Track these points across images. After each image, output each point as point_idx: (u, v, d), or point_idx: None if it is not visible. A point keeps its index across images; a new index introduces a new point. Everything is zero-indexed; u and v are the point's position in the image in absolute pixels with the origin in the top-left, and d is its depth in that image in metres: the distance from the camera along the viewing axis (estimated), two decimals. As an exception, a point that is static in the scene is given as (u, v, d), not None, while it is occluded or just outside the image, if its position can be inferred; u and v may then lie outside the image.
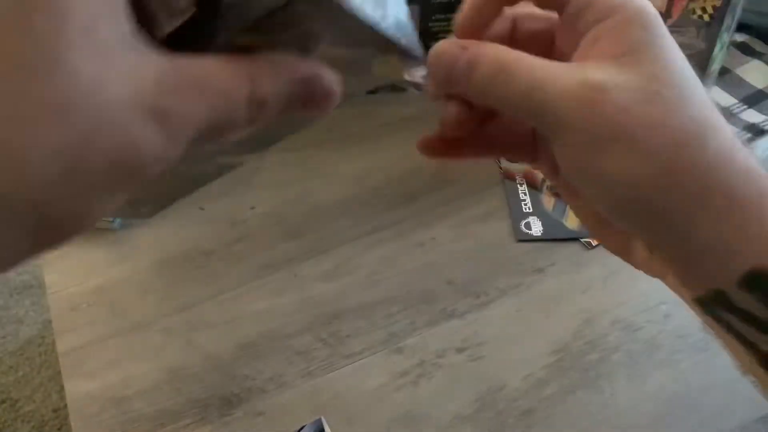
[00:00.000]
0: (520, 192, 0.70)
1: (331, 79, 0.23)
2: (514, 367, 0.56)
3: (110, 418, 0.53)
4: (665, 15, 0.72)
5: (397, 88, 0.82)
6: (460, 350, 0.57)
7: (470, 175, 0.73)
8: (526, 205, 0.69)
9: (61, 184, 0.18)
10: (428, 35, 0.79)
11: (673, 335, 0.57)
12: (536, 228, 0.67)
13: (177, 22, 0.22)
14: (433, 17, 0.78)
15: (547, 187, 0.71)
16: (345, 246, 0.66)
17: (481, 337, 0.58)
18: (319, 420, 0.52)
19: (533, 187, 0.71)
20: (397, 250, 0.65)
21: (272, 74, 0.22)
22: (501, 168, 0.73)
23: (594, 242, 0.65)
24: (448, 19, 0.78)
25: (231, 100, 0.21)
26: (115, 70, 0.18)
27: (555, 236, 0.66)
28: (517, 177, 0.72)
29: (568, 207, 0.68)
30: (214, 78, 0.21)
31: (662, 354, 0.56)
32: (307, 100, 0.23)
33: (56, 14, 0.17)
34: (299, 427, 0.52)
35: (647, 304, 0.60)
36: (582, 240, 0.66)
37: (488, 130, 0.32)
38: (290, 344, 0.58)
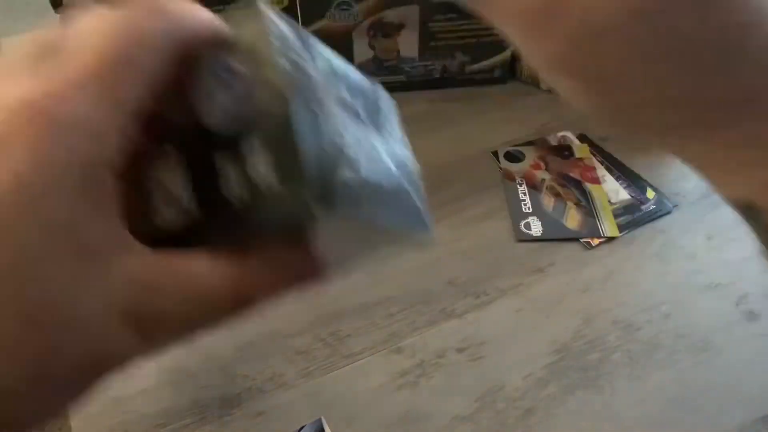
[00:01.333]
0: (519, 192, 0.70)
1: (322, 262, 0.23)
2: (514, 367, 0.56)
3: (110, 418, 0.53)
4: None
5: (397, 87, 0.83)
6: (460, 350, 0.57)
7: (470, 175, 0.73)
8: (525, 205, 0.69)
9: (25, 393, 0.18)
10: (428, 35, 0.79)
11: (673, 335, 0.57)
12: (536, 228, 0.67)
13: (178, 219, 0.22)
14: (433, 17, 0.78)
15: (546, 188, 0.71)
16: (345, 246, 0.66)
17: (481, 337, 0.58)
18: (319, 420, 0.52)
19: (533, 187, 0.71)
20: (396, 250, 0.65)
21: (264, 275, 0.22)
22: (501, 168, 0.73)
23: (594, 242, 0.65)
24: (449, 19, 0.78)
25: (215, 305, 0.21)
26: (92, 274, 0.18)
27: (555, 236, 0.66)
28: (516, 177, 0.72)
29: (567, 207, 0.68)
30: (200, 281, 0.20)
31: (662, 354, 0.56)
32: (296, 286, 0.23)
33: (36, 215, 0.17)
34: (299, 427, 0.52)
35: (647, 304, 0.60)
36: (582, 240, 0.66)
37: None
38: (290, 344, 0.58)
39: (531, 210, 0.68)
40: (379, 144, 0.24)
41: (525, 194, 0.70)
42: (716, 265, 0.63)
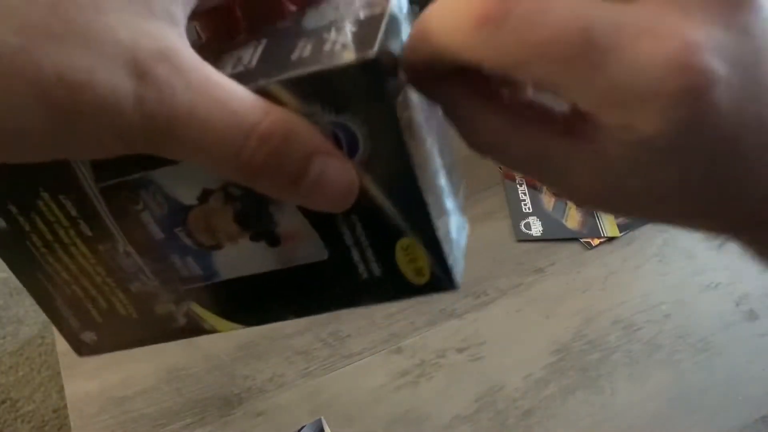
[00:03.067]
0: (519, 192, 0.70)
1: (350, 170, 0.20)
2: (514, 367, 0.56)
3: (110, 418, 0.53)
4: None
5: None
6: (460, 350, 0.57)
7: (470, 175, 0.73)
8: (525, 205, 0.69)
9: (6, 56, 0.17)
10: (428, 35, 0.79)
11: (673, 335, 0.57)
12: (536, 228, 0.67)
13: None
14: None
15: (546, 188, 0.71)
16: (345, 246, 0.66)
17: (481, 337, 0.58)
18: (319, 420, 0.52)
19: (533, 187, 0.71)
20: (397, 250, 0.65)
21: (299, 137, 0.19)
22: (501, 168, 0.73)
23: (594, 242, 0.65)
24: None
25: (231, 115, 0.19)
26: (137, 20, 0.18)
27: (555, 236, 0.66)
28: (516, 177, 0.72)
29: (567, 207, 0.68)
30: (230, 94, 0.19)
31: (662, 354, 0.56)
32: (316, 178, 0.19)
33: None
34: (299, 427, 0.52)
35: (647, 304, 0.60)
36: (582, 240, 0.66)
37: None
38: (290, 344, 0.58)
39: (531, 210, 0.68)
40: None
41: (525, 194, 0.70)
42: (716, 265, 0.63)
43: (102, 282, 0.26)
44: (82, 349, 0.30)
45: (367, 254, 0.22)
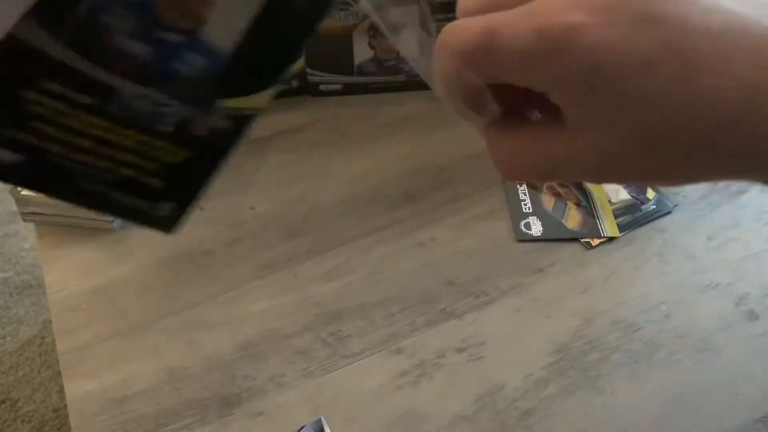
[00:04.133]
0: (519, 192, 0.70)
1: None
2: (514, 367, 0.56)
3: (110, 418, 0.53)
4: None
5: (397, 87, 0.83)
6: (460, 350, 0.57)
7: (470, 175, 0.73)
8: (526, 205, 0.69)
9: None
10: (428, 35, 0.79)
11: (673, 335, 0.57)
12: (536, 228, 0.67)
13: None
14: (434, 17, 0.78)
15: (547, 187, 0.71)
16: (345, 246, 0.66)
17: (481, 337, 0.58)
18: (319, 420, 0.52)
19: (533, 187, 0.71)
20: (397, 250, 0.65)
21: None
22: (501, 168, 0.73)
23: (594, 242, 0.65)
24: (449, 19, 0.78)
25: None
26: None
27: (555, 236, 0.66)
28: (517, 177, 0.72)
29: (567, 207, 0.68)
30: None
31: (662, 354, 0.56)
32: None
33: None
34: (299, 427, 0.52)
35: (647, 304, 0.60)
36: (582, 240, 0.66)
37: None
38: (290, 344, 0.58)
39: (531, 210, 0.68)
40: None
41: (525, 194, 0.70)
42: (716, 265, 0.63)
43: (137, 144, 0.25)
44: (167, 224, 0.28)
45: None
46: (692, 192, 0.70)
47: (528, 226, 0.67)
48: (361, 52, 0.80)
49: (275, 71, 0.25)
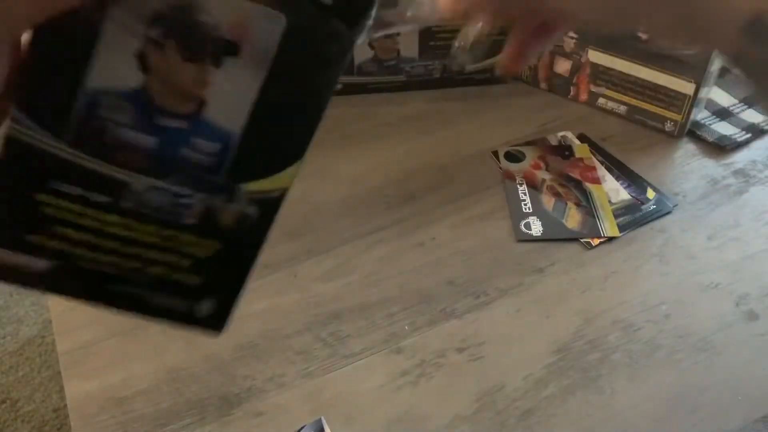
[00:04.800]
0: (519, 192, 0.70)
1: None
2: (514, 367, 0.56)
3: (110, 418, 0.53)
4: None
5: (397, 87, 0.83)
6: (460, 350, 0.57)
7: (470, 175, 0.73)
8: (525, 205, 0.69)
9: None
10: (428, 35, 0.79)
11: (673, 335, 0.57)
12: (536, 228, 0.67)
13: None
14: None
15: (547, 188, 0.71)
16: (345, 246, 0.66)
17: (481, 337, 0.58)
18: (319, 420, 0.52)
19: (533, 187, 0.71)
20: (397, 250, 0.65)
21: None
22: (501, 168, 0.73)
23: (594, 242, 0.65)
24: (448, 19, 0.78)
25: None
26: None
27: (555, 236, 0.66)
28: (516, 177, 0.72)
29: (567, 207, 0.68)
30: None
31: (662, 354, 0.56)
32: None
33: None
34: (299, 427, 0.52)
35: (647, 304, 0.60)
36: (582, 240, 0.66)
37: None
38: (290, 344, 0.58)
39: (531, 210, 0.68)
40: None
41: (525, 194, 0.70)
42: (716, 265, 0.63)
43: (162, 240, 0.24)
44: (213, 324, 0.27)
45: None
46: (692, 192, 0.70)
47: (528, 226, 0.67)
48: (361, 52, 0.80)
49: (294, 148, 0.24)
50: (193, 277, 0.25)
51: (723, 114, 0.80)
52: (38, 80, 0.20)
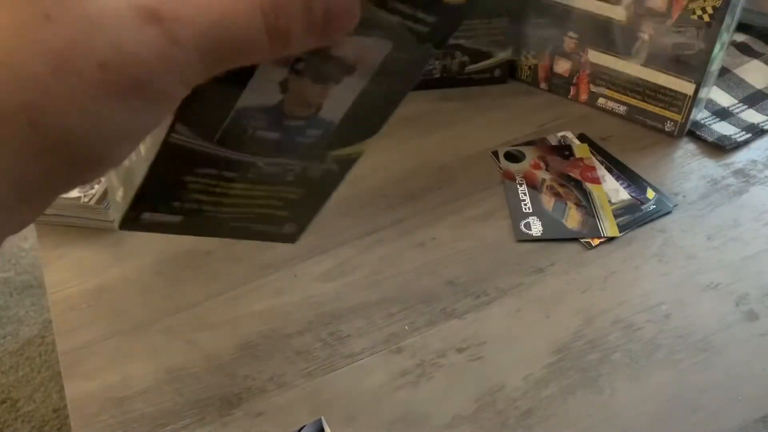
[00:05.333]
0: (519, 192, 0.70)
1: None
2: (514, 367, 0.56)
3: (110, 418, 0.53)
4: (665, 15, 0.72)
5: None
6: (460, 350, 0.57)
7: (470, 175, 0.73)
8: (525, 205, 0.69)
9: (51, 83, 0.18)
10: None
11: (673, 335, 0.57)
12: (536, 228, 0.67)
13: None
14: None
15: (546, 187, 0.71)
16: (345, 246, 0.66)
17: (481, 337, 0.58)
18: (319, 420, 0.52)
19: (533, 187, 0.71)
20: (397, 250, 0.65)
21: None
22: (501, 168, 0.73)
23: (594, 242, 0.65)
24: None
25: (238, 7, 0.20)
26: None
27: (555, 236, 0.66)
28: (516, 177, 0.72)
29: (567, 207, 0.68)
30: None
31: (662, 354, 0.56)
32: (323, 15, 0.22)
33: None
34: (299, 427, 0.52)
35: (647, 304, 0.60)
36: (582, 240, 0.66)
37: None
38: (290, 344, 0.58)
39: (531, 210, 0.68)
40: None
41: (525, 194, 0.70)
42: (716, 265, 0.63)
43: (269, 194, 0.32)
44: (292, 238, 0.37)
45: (418, 15, 0.26)
46: (692, 192, 0.70)
47: (528, 226, 0.67)
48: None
49: (374, 127, 0.31)
50: (283, 211, 0.34)
51: (723, 114, 0.80)
52: (203, 102, 0.25)
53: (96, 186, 0.66)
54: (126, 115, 0.20)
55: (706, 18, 0.70)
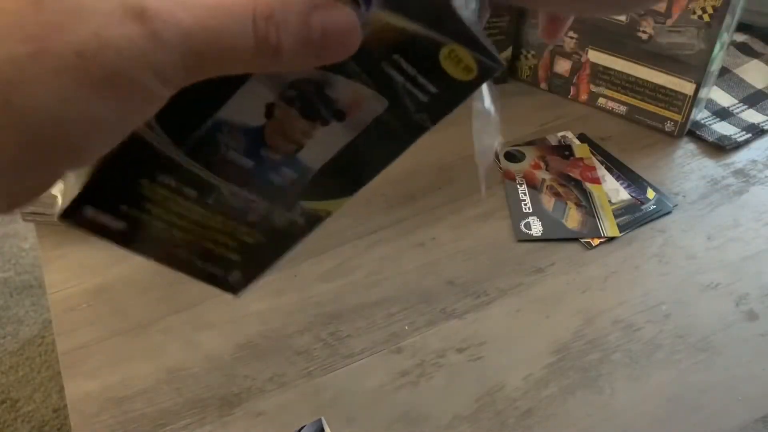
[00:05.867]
0: (519, 192, 0.70)
1: (348, 13, 0.22)
2: (514, 367, 0.56)
3: (110, 418, 0.53)
4: (665, 15, 0.72)
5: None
6: (460, 350, 0.57)
7: (470, 175, 0.73)
8: (525, 205, 0.69)
9: (27, 64, 0.18)
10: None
11: (673, 335, 0.57)
12: (536, 228, 0.67)
13: None
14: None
15: (546, 187, 0.71)
16: (345, 246, 0.66)
17: (481, 337, 0.58)
18: (319, 420, 0.52)
19: (533, 187, 0.71)
20: (397, 250, 0.65)
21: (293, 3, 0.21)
22: (501, 168, 0.73)
23: (594, 242, 0.65)
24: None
25: (230, 11, 0.20)
26: None
27: (555, 236, 0.66)
28: (516, 177, 0.72)
29: (567, 207, 0.68)
30: None
31: (662, 354, 0.56)
32: (321, 32, 0.22)
33: None
34: (299, 427, 0.52)
35: (647, 304, 0.60)
36: (582, 240, 0.66)
37: None
38: (290, 344, 0.58)
39: (531, 210, 0.68)
40: None
41: (525, 194, 0.70)
42: (716, 265, 0.63)
43: (224, 227, 0.30)
44: (235, 289, 0.34)
45: (419, 80, 0.25)
46: (692, 192, 0.70)
47: (528, 226, 0.67)
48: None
49: (351, 187, 0.30)
50: (235, 255, 0.32)
51: (723, 114, 0.80)
52: (181, 102, 0.23)
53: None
54: (100, 105, 0.20)
55: (706, 18, 0.70)
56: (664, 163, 0.74)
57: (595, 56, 0.78)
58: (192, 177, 0.27)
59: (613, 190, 0.70)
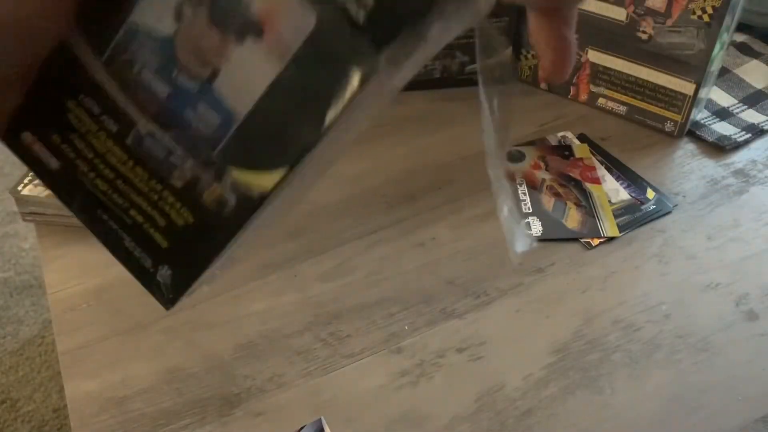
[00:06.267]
0: (519, 192, 0.70)
1: None
2: (514, 367, 0.56)
3: (110, 418, 0.53)
4: (665, 15, 0.72)
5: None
6: (460, 350, 0.57)
7: (470, 175, 0.73)
8: (525, 205, 0.69)
9: None
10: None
11: (673, 335, 0.57)
12: (536, 228, 0.67)
13: None
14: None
15: (546, 188, 0.71)
16: (345, 246, 0.66)
17: (481, 337, 0.58)
18: (319, 420, 0.52)
19: (533, 187, 0.71)
20: (397, 250, 0.65)
21: None
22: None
23: (594, 242, 0.65)
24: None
25: None
26: None
27: (555, 236, 0.66)
28: (516, 177, 0.72)
29: (567, 207, 0.68)
30: None
31: (662, 354, 0.56)
32: None
33: None
34: (299, 427, 0.52)
35: (647, 304, 0.60)
36: (582, 240, 0.66)
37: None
38: (290, 344, 0.58)
39: (531, 210, 0.68)
40: None
41: (525, 194, 0.70)
42: (716, 265, 0.63)
43: (148, 188, 0.26)
44: (164, 294, 0.28)
45: None
46: (692, 192, 0.70)
47: (528, 226, 0.67)
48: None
49: (286, 153, 0.24)
50: (163, 239, 0.27)
51: (723, 114, 0.80)
52: (97, 1, 0.22)
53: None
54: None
55: (706, 18, 0.70)
56: (664, 163, 0.74)
57: (594, 56, 0.78)
58: (111, 104, 0.25)
59: (612, 190, 0.70)
